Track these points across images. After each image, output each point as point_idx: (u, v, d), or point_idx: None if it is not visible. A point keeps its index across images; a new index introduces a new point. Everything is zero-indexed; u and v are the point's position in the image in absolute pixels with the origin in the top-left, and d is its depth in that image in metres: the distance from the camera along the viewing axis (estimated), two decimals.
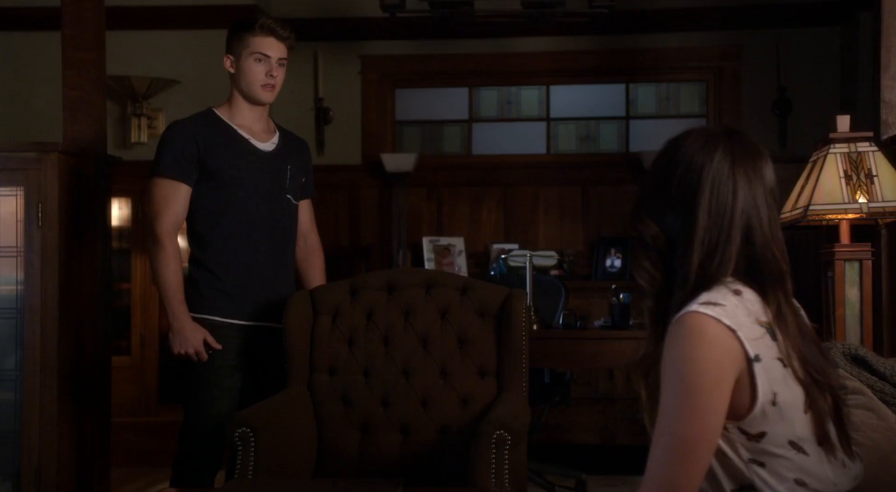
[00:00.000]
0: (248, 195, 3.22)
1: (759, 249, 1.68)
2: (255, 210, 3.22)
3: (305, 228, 3.44)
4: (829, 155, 3.20)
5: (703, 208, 1.66)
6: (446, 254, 6.35)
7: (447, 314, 3.22)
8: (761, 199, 1.69)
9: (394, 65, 6.68)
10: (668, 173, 1.71)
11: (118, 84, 6.06)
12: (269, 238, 3.25)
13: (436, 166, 6.63)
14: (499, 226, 6.58)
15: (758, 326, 1.63)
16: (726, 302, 1.61)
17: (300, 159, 3.37)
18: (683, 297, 1.65)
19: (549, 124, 6.76)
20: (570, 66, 6.62)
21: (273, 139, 3.30)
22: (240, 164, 3.21)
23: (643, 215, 1.74)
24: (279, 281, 3.29)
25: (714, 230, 1.66)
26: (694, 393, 1.56)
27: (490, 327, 3.20)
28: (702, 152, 1.69)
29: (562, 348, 4.17)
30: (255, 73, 3.18)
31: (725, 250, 1.66)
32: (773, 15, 6.39)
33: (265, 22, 3.20)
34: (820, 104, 6.17)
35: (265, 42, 3.18)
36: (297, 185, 3.33)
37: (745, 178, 1.69)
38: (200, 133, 3.19)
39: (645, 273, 1.72)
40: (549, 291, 4.97)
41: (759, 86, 6.40)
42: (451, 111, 6.78)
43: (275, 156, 3.28)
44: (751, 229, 1.68)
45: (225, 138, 3.22)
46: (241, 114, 3.25)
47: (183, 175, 3.17)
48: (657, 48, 6.55)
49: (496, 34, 6.51)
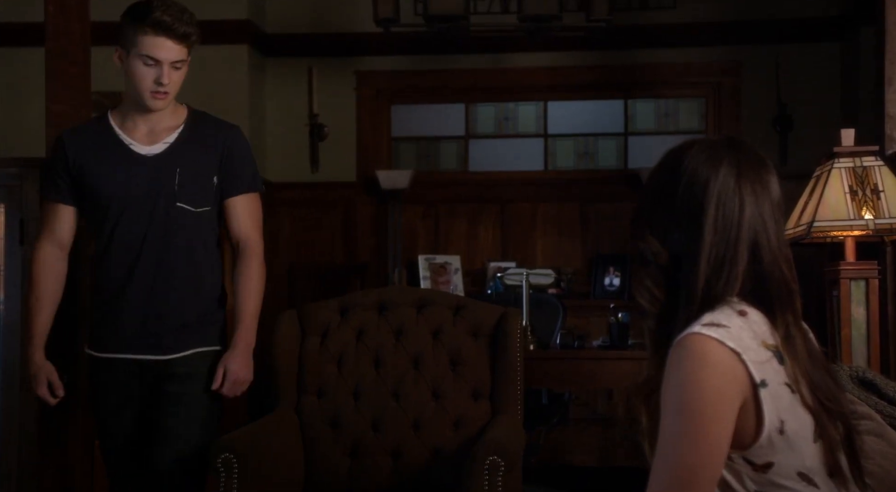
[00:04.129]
0: (124, 210, 2.77)
1: (766, 266, 1.60)
2: (132, 227, 2.77)
3: (236, 231, 2.86)
4: (833, 170, 3.12)
5: (709, 224, 1.58)
6: (442, 272, 6.28)
7: (440, 334, 3.14)
8: (768, 213, 1.61)
9: (389, 80, 6.63)
10: (669, 187, 1.63)
11: (107, 100, 5.95)
12: (157, 258, 2.77)
13: (432, 183, 6.57)
14: (496, 243, 6.53)
15: (764, 349, 1.54)
16: (731, 323, 1.53)
17: (206, 151, 2.82)
18: (688, 317, 1.57)
19: (546, 141, 6.71)
20: (568, 81, 6.57)
21: (168, 138, 2.82)
22: (114, 175, 2.79)
23: (644, 231, 1.65)
24: (182, 305, 2.79)
25: (720, 247, 1.58)
26: (696, 420, 1.48)
27: (484, 348, 3.12)
28: (706, 165, 1.61)
29: (559, 369, 4.11)
30: (142, 79, 2.71)
31: (732, 268, 1.58)
32: (772, 30, 6.35)
33: (157, 17, 2.66)
34: (821, 120, 6.10)
35: (155, 43, 2.67)
36: (196, 188, 2.80)
37: (752, 191, 1.61)
38: (77, 145, 2.83)
39: (646, 292, 1.63)
40: (546, 310, 4.91)
41: (759, 102, 6.34)
42: (447, 127, 6.73)
43: (161, 159, 2.79)
44: (758, 246, 1.60)
45: (103, 147, 2.83)
46: (130, 115, 2.82)
47: (58, 195, 2.84)
48: (656, 64, 6.49)
49: (493, 50, 6.46)
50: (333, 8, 6.51)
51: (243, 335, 2.79)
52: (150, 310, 2.77)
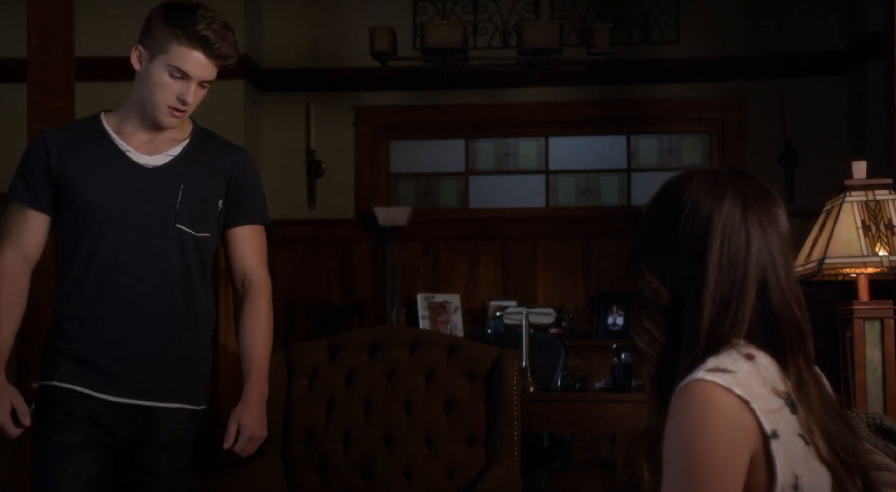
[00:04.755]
0: (112, 227, 2.40)
1: (775, 306, 1.48)
2: (120, 247, 2.40)
3: (241, 265, 2.55)
4: (844, 203, 3.00)
5: (714, 260, 1.47)
6: (442, 311, 6.19)
7: (433, 376, 3.02)
8: (777, 249, 1.50)
9: (388, 116, 6.57)
10: (670, 220, 1.52)
11: None
12: (147, 286, 2.41)
13: (431, 220, 6.49)
14: (496, 282, 6.44)
15: (775, 396, 1.42)
16: (738, 368, 1.41)
17: (214, 173, 2.50)
18: (691, 362, 1.45)
19: (548, 177, 6.64)
20: (570, 117, 6.51)
21: (172, 150, 2.49)
22: (103, 184, 2.42)
23: (641, 267, 1.53)
24: (175, 345, 2.44)
25: (726, 285, 1.47)
26: (701, 475, 1.36)
27: (479, 390, 3.01)
28: (710, 197, 1.50)
29: (560, 411, 4.01)
30: (164, 90, 2.40)
31: (739, 308, 1.47)
32: (777, 65, 6.29)
33: (201, 31, 2.36)
34: (828, 156, 6.03)
35: (191, 57, 2.37)
36: (198, 210, 2.47)
37: (759, 225, 1.50)
38: (61, 144, 2.46)
39: (644, 334, 1.51)
40: (547, 351, 4.82)
41: (765, 138, 6.27)
42: (447, 163, 6.67)
43: (162, 173, 2.45)
44: (766, 284, 1.48)
45: (94, 151, 2.46)
46: (130, 121, 2.48)
47: (32, 198, 2.44)
48: (659, 99, 6.43)
49: (493, 84, 6.41)
50: (331, 42, 6.47)
51: (256, 385, 2.45)
52: (134, 348, 2.39)
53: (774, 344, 1.47)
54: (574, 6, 6.41)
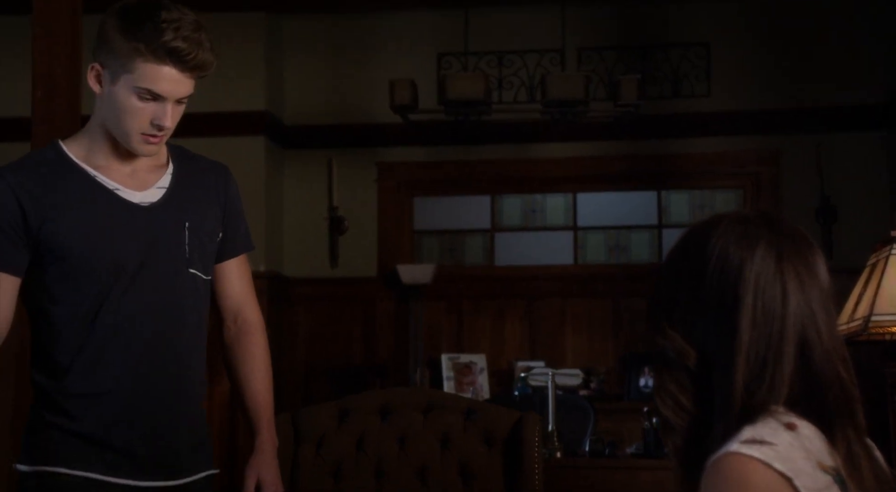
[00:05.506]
0: (117, 284, 2.03)
1: (818, 366, 1.30)
2: (130, 307, 2.04)
3: (233, 302, 2.22)
4: (891, 256, 2.82)
5: (746, 317, 1.30)
6: (467, 372, 6.02)
7: (449, 442, 2.84)
8: (817, 302, 1.32)
9: (412, 172, 6.47)
10: (695, 271, 1.34)
11: None
12: (165, 348, 2.08)
13: (456, 278, 6.34)
14: (523, 342, 6.26)
15: (821, 472, 1.24)
16: (778, 440, 1.23)
17: (210, 202, 2.16)
18: (723, 432, 1.27)
19: (576, 233, 6.49)
20: (598, 172, 6.37)
21: (160, 180, 2.11)
22: (98, 233, 2.02)
23: (662, 324, 1.36)
24: (192, 408, 2.15)
25: (761, 344, 1.29)
26: None
27: (498, 458, 2.82)
28: (740, 245, 1.33)
29: (588, 479, 3.86)
30: (133, 116, 2.00)
31: (777, 370, 1.29)
32: (812, 119, 6.12)
33: (169, 41, 1.95)
34: (867, 211, 5.85)
35: (160, 75, 1.97)
36: (205, 249, 2.14)
37: (796, 276, 1.32)
38: (30, 187, 2.01)
39: (670, 400, 1.33)
40: (576, 414, 4.65)
41: (801, 193, 6.10)
42: (472, 220, 6.54)
43: (161, 211, 2.08)
44: (807, 342, 1.31)
45: (72, 190, 2.04)
46: (101, 152, 2.08)
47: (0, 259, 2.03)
48: (690, 153, 6.28)
49: (519, 139, 6.29)
50: (354, 98, 6.39)
51: (268, 436, 2.20)
52: (156, 421, 2.07)
53: (819, 411, 1.29)
54: (601, 61, 6.30)
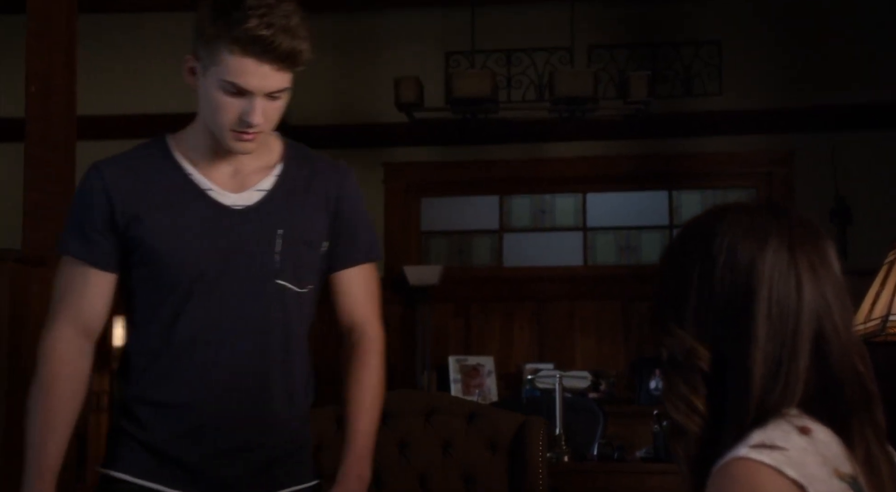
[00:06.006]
0: (196, 290, 1.92)
1: (835, 362, 1.22)
2: (208, 315, 1.93)
3: (348, 314, 2.06)
4: None
5: (762, 313, 1.22)
6: (475, 375, 5.95)
7: (450, 447, 2.75)
8: (832, 294, 1.24)
9: (419, 172, 6.40)
10: (702, 268, 1.26)
11: None
12: (244, 361, 1.95)
13: (464, 279, 6.27)
14: (532, 344, 6.18)
15: (837, 479, 1.16)
16: (790, 444, 1.15)
17: (316, 208, 2.01)
18: (737, 435, 1.20)
19: (585, 234, 6.42)
20: (608, 171, 6.29)
21: (261, 182, 1.98)
22: (184, 235, 1.93)
23: (670, 325, 1.27)
24: (275, 425, 2.00)
25: (777, 341, 1.21)
26: None
27: (502, 463, 2.74)
28: (750, 240, 1.25)
29: (596, 483, 3.75)
30: (223, 111, 1.88)
31: (791, 368, 1.20)
32: (826, 117, 6.03)
33: (250, 28, 1.80)
34: (882, 212, 5.76)
35: (246, 67, 1.83)
36: (302, 260, 1.99)
37: (810, 268, 1.24)
38: (125, 181, 1.94)
39: (682, 404, 1.24)
40: (584, 417, 4.55)
41: (814, 193, 5.99)
42: (480, 221, 6.47)
43: (254, 215, 1.96)
44: (823, 337, 1.22)
45: (166, 189, 1.96)
46: (203, 149, 1.97)
47: (91, 254, 1.93)
48: (701, 152, 6.19)
49: (528, 139, 6.22)
50: (360, 98, 6.32)
51: (354, 467, 2.00)
52: (228, 439, 1.95)
53: (835, 411, 1.20)
54: (612, 59, 6.22)
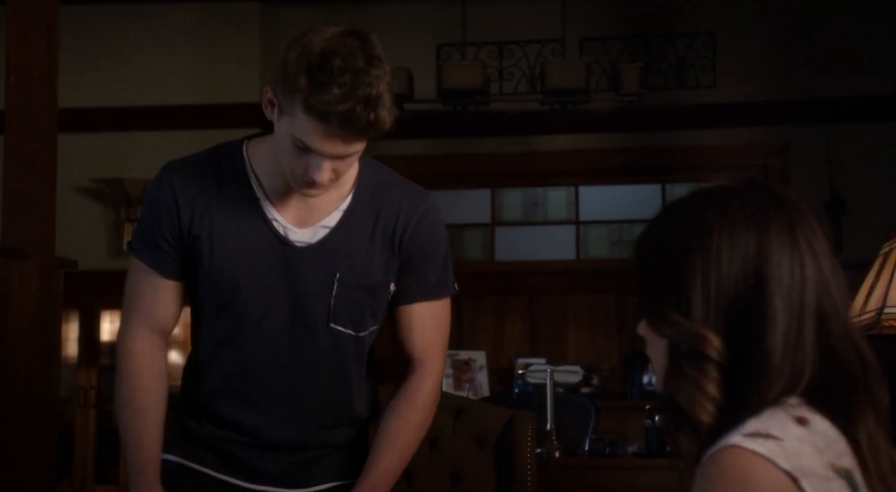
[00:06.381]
0: (248, 319, 1.91)
1: (836, 340, 1.18)
2: (256, 348, 1.92)
3: (408, 347, 2.01)
4: None
5: (777, 294, 1.17)
6: (466, 369, 5.89)
7: (438, 443, 2.70)
8: (828, 269, 1.20)
9: (410, 165, 6.27)
10: (701, 255, 1.20)
11: (110, 187, 5.71)
12: (288, 395, 1.94)
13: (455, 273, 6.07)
14: (524, 339, 6.14)
15: (833, 473, 1.10)
16: (785, 434, 1.10)
17: (381, 248, 1.92)
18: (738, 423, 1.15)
19: (578, 228, 6.38)
20: (601, 165, 6.24)
21: (328, 219, 1.90)
22: (243, 265, 1.89)
23: (673, 315, 1.20)
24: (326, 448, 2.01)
25: (790, 322, 1.17)
26: None
27: (489, 458, 2.69)
28: (748, 222, 1.20)
29: (587, 479, 3.72)
30: (291, 162, 1.80)
31: (799, 349, 1.16)
32: (822, 110, 5.98)
33: (328, 101, 1.67)
34: (877, 205, 5.71)
35: (318, 131, 1.72)
36: (362, 305, 1.92)
37: (809, 246, 1.20)
38: (190, 199, 1.89)
39: (695, 393, 1.18)
40: (576, 412, 4.53)
41: (809, 186, 5.92)
42: (471, 214, 6.42)
43: (314, 255, 1.89)
44: (824, 315, 1.18)
45: (234, 212, 1.89)
46: (273, 173, 1.88)
47: (158, 264, 1.92)
48: (695, 145, 6.13)
49: (520, 132, 6.16)
50: None
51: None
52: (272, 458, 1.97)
53: (836, 395, 1.16)
54: (604, 51, 6.16)
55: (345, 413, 1.98)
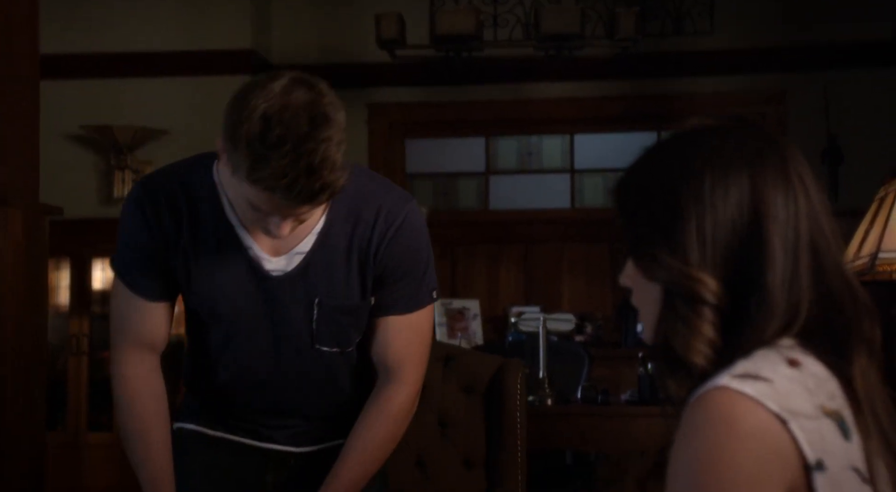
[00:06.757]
0: (231, 338, 1.92)
1: (830, 277, 1.15)
2: (244, 367, 1.94)
3: (381, 357, 1.95)
4: None
5: (776, 233, 1.14)
6: (460, 318, 5.87)
7: (425, 391, 2.60)
8: (818, 202, 1.18)
9: (403, 113, 6.28)
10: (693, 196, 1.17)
11: (100, 135, 5.65)
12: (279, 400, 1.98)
13: (449, 222, 6.17)
14: (518, 287, 6.14)
15: (824, 416, 1.08)
16: (775, 375, 1.07)
17: (360, 270, 1.87)
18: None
19: (573, 176, 6.35)
20: (597, 113, 6.19)
21: (302, 245, 1.85)
22: (222, 289, 1.87)
23: (665, 258, 1.16)
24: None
25: (788, 259, 1.15)
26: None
27: (478, 406, 2.65)
28: (741, 160, 1.17)
29: (580, 427, 3.71)
30: (249, 215, 1.75)
31: (795, 286, 1.14)
32: (819, 56, 5.92)
33: (268, 177, 1.62)
34: (874, 153, 5.67)
35: (263, 199, 1.67)
36: (344, 326, 1.91)
37: (800, 181, 1.18)
38: (163, 222, 1.85)
39: (706, 346, 1.14)
40: (570, 360, 4.53)
41: (807, 133, 5.88)
42: (466, 163, 6.39)
43: (290, 283, 1.86)
44: (818, 250, 1.15)
45: (209, 233, 1.85)
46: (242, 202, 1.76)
47: (140, 289, 1.91)
48: (692, 93, 6.08)
49: (515, 79, 6.10)
50: (343, 37, 6.17)
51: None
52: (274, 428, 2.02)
53: (829, 333, 1.13)
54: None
55: (346, 403, 1.98)
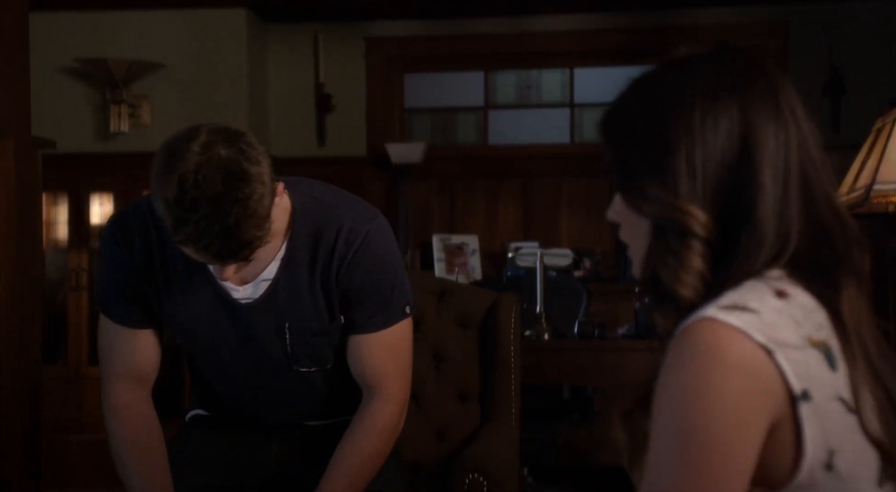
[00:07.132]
0: (213, 364, 2.00)
1: (818, 206, 1.13)
2: (232, 387, 2.03)
3: (360, 375, 1.95)
4: None
5: (767, 162, 1.12)
6: (459, 253, 5.88)
7: (420, 325, 2.67)
8: (809, 133, 1.15)
9: (401, 47, 6.21)
10: (682, 126, 1.15)
11: (94, 68, 5.59)
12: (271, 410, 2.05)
13: (448, 157, 6.16)
14: (517, 222, 6.12)
15: (810, 346, 1.07)
16: (762, 306, 1.06)
17: (327, 292, 1.89)
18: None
19: (573, 111, 6.29)
20: (597, 46, 6.11)
21: (267, 270, 1.85)
22: (196, 320, 1.91)
23: (655, 191, 1.15)
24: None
25: (778, 189, 1.13)
26: (700, 449, 1.03)
27: (473, 341, 2.66)
28: (729, 86, 1.15)
29: (577, 361, 3.79)
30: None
31: (785, 215, 1.12)
32: None
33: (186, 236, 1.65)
34: (877, 86, 5.60)
35: (191, 253, 1.71)
36: (318, 347, 1.92)
37: (789, 106, 1.15)
38: (138, 256, 1.88)
39: (693, 278, 1.12)
40: (568, 295, 4.54)
41: (809, 65, 5.84)
42: (464, 97, 6.33)
43: (260, 310, 1.88)
44: (807, 179, 1.14)
45: (177, 266, 1.87)
46: None
47: (125, 320, 1.93)
48: (693, 25, 5.99)
49: (514, 12, 6.02)
50: None
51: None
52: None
53: (821, 262, 1.12)
54: None
55: (347, 390, 1.98)
